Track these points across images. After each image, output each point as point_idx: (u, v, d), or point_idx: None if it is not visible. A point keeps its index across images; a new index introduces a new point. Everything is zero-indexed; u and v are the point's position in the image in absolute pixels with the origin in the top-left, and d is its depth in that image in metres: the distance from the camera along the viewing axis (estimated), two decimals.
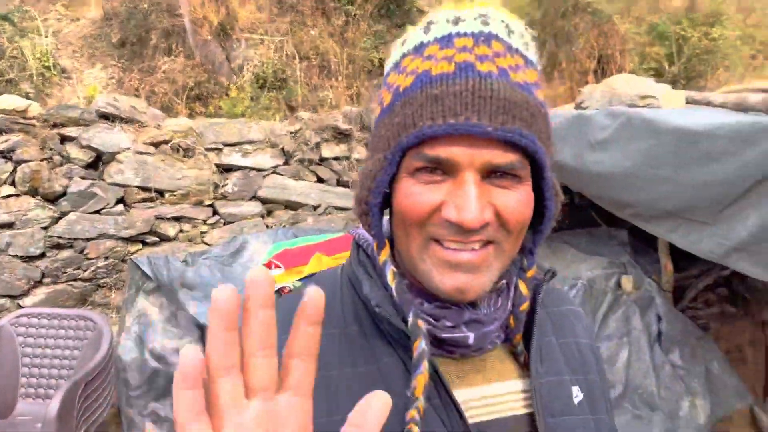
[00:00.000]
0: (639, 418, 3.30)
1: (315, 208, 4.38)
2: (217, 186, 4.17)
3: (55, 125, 3.83)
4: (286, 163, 4.38)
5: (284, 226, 4.20)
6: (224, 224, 4.18)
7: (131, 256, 3.80)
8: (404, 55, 0.72)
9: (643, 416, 3.29)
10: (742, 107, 2.92)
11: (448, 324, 0.73)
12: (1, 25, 5.89)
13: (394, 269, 0.74)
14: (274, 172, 4.32)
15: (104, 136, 3.91)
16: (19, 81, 5.62)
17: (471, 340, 0.73)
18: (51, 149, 3.77)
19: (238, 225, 4.18)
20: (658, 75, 5.58)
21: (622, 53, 6.20)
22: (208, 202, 4.14)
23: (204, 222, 4.13)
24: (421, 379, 0.68)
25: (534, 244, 0.78)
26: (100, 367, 2.84)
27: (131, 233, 3.96)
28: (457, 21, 0.68)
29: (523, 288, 0.78)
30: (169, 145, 4.01)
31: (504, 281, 0.78)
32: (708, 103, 3.20)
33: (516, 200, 0.67)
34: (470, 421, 0.71)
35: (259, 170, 4.28)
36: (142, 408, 3.43)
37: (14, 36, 5.87)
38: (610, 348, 3.42)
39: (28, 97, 4.44)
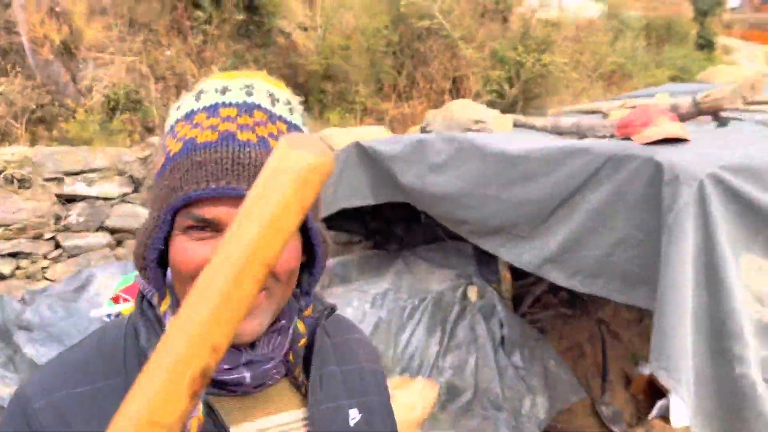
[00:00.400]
0: (487, 419, 3.54)
1: None
2: (59, 218, 3.94)
3: None
4: (135, 190, 4.23)
5: None
6: (69, 258, 3.95)
7: None
8: (177, 121, 0.79)
9: (491, 417, 3.54)
10: (557, 130, 3.27)
11: (226, 366, 0.79)
12: None
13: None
14: (123, 201, 4.15)
15: None
16: None
17: (248, 380, 0.80)
18: None
19: (85, 258, 3.97)
20: (500, 96, 6.05)
21: (471, 76, 6.64)
22: (48, 235, 3.89)
23: (44, 257, 3.87)
24: (194, 422, 0.73)
25: (310, 285, 0.87)
26: None
27: None
28: (224, 91, 0.76)
29: (300, 326, 0.87)
30: (2, 175, 3.73)
31: (283, 321, 0.86)
32: (531, 127, 3.55)
33: (283, 252, 0.76)
34: None
35: (107, 199, 4.10)
36: None
37: None
38: (459, 356, 3.65)
39: None
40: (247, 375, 0.80)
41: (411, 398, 3.29)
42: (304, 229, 0.79)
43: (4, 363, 3.39)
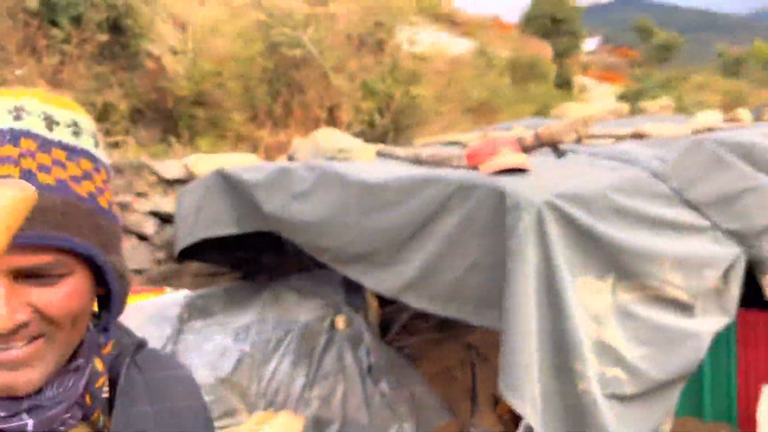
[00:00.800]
0: None
1: None
2: None
3: None
4: None
5: None
6: None
7: None
8: None
9: None
10: (417, 160, 3.36)
11: (3, 414, 0.70)
12: None
13: None
14: None
15: None
16: None
17: (30, 427, 0.71)
18: None
19: None
20: (371, 127, 6.19)
21: (344, 106, 6.73)
22: None
23: None
24: None
25: (108, 321, 0.81)
26: None
27: None
28: None
29: (98, 365, 0.79)
30: None
31: (79, 360, 0.78)
32: (394, 156, 3.63)
33: (59, 296, 0.69)
34: None
35: None
36: None
37: None
38: (326, 387, 3.59)
39: None
40: (29, 422, 0.71)
41: None
42: (96, 266, 0.73)
43: None
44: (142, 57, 7.55)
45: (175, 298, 3.63)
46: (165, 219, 4.61)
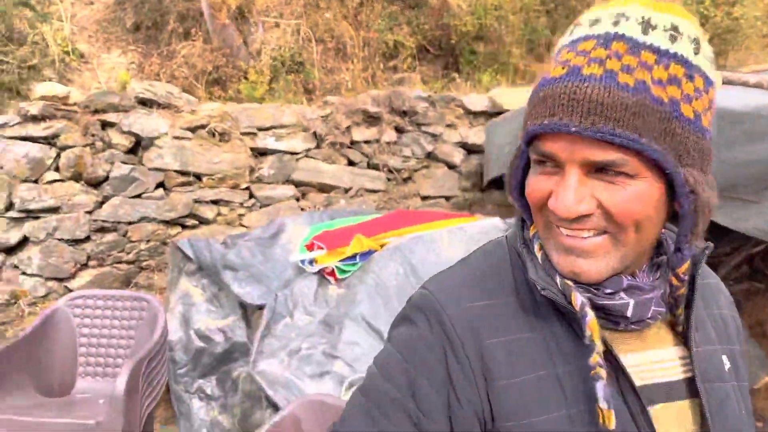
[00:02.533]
0: None
1: (347, 190, 4.45)
2: (252, 170, 4.24)
3: (95, 111, 3.87)
4: (318, 146, 4.44)
5: (318, 209, 4.28)
6: (260, 207, 4.25)
7: (172, 239, 3.87)
8: (559, 51, 0.79)
9: None
10: None
11: (608, 291, 0.78)
12: (21, 11, 5.87)
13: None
14: (306, 156, 4.38)
15: (143, 122, 3.96)
16: (42, 67, 5.62)
17: (630, 308, 0.78)
18: (93, 135, 3.82)
19: (274, 208, 4.25)
20: None
21: None
22: (244, 186, 4.21)
23: (241, 205, 4.20)
24: (593, 325, 0.74)
25: (680, 243, 0.79)
26: (158, 346, 2.94)
27: (171, 216, 4.03)
28: (595, 22, 0.73)
29: (674, 281, 0.82)
30: (206, 129, 4.06)
31: (663, 257, 0.84)
32: (744, 83, 3.27)
33: (622, 196, 0.71)
34: (636, 384, 0.77)
35: (293, 154, 4.35)
36: (189, 385, 3.54)
37: (34, 21, 5.85)
38: None
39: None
40: (630, 302, 0.78)
41: None
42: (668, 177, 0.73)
43: (210, 299, 3.73)
44: None
45: (492, 222, 3.83)
46: (470, 150, 4.85)
